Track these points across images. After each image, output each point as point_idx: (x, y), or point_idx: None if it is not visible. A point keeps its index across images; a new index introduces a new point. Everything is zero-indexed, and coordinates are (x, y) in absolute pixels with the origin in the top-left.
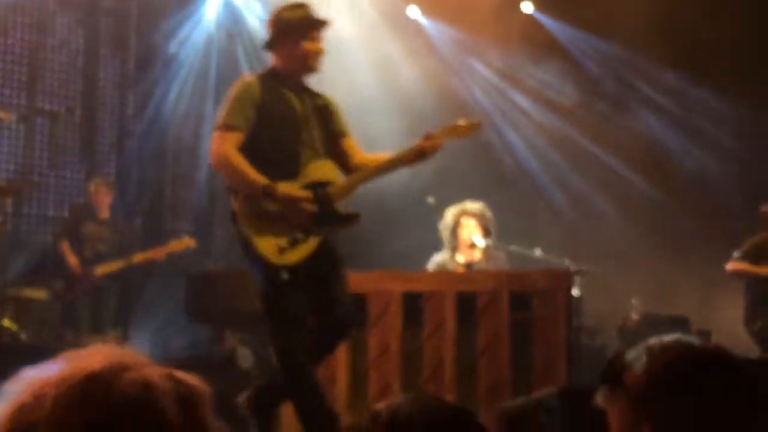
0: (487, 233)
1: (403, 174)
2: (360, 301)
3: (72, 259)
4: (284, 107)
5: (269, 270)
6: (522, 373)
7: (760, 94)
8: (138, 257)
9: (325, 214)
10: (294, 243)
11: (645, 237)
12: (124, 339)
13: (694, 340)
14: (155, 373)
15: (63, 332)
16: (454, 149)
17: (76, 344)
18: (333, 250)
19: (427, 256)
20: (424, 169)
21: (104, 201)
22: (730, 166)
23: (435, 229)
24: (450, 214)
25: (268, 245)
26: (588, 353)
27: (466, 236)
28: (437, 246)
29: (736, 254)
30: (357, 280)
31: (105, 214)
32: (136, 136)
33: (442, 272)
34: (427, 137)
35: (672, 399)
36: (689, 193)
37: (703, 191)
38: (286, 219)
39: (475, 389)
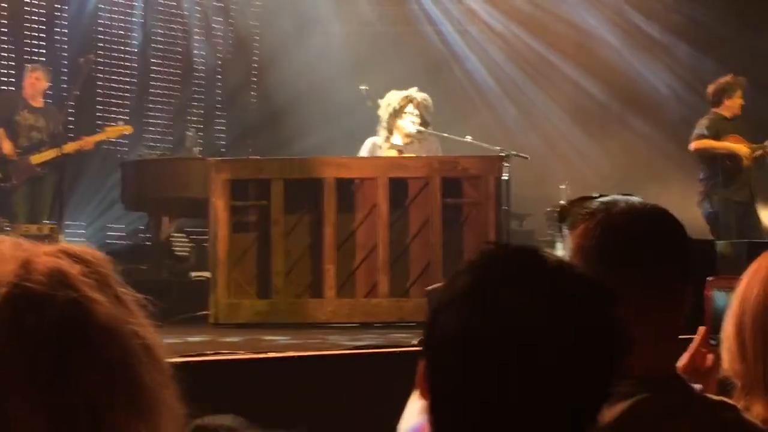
0: (425, 124)
1: (333, 62)
2: (294, 187)
3: (6, 145)
4: None
5: None
6: (453, 256)
7: None
8: (70, 146)
9: None
10: None
11: (575, 124)
12: (59, 228)
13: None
14: (54, 258)
15: None
16: (384, 38)
17: (12, 233)
18: None
19: (360, 142)
20: (355, 57)
21: (39, 89)
22: (657, 52)
23: (368, 116)
24: (396, 98)
25: None
26: (517, 237)
27: (407, 123)
28: (369, 133)
29: (698, 132)
30: (293, 166)
31: (39, 102)
32: (64, 22)
33: (375, 158)
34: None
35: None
36: (618, 80)
37: (630, 77)
38: None
39: (408, 272)
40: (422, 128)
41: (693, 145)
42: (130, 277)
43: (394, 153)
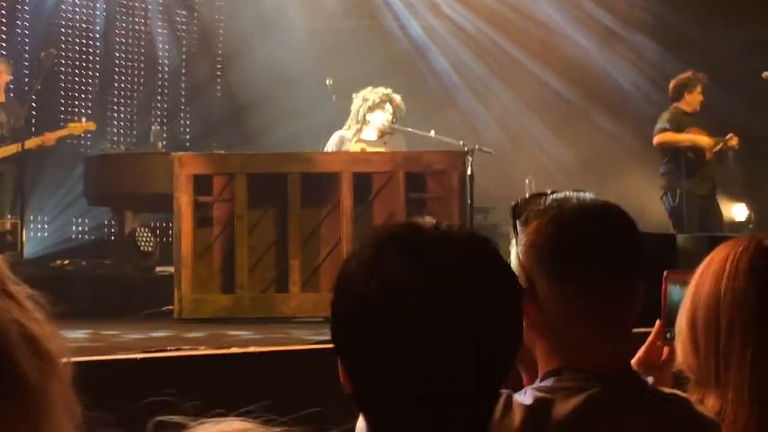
0: (394, 122)
1: (298, 57)
2: (259, 182)
3: None
4: None
5: None
6: None
7: None
8: (32, 141)
9: None
10: None
11: (539, 119)
12: (21, 223)
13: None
14: None
15: None
16: (349, 32)
17: None
18: None
19: (324, 137)
20: (319, 52)
21: (0, 83)
22: (620, 49)
23: (332, 111)
24: (375, 93)
25: None
26: (481, 231)
27: (380, 120)
28: (334, 128)
29: (660, 126)
30: (258, 161)
31: (0, 96)
32: (26, 15)
33: (339, 153)
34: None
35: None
36: (581, 76)
37: (594, 73)
38: None
39: None
40: (394, 125)
41: (656, 139)
42: (94, 271)
43: (361, 147)
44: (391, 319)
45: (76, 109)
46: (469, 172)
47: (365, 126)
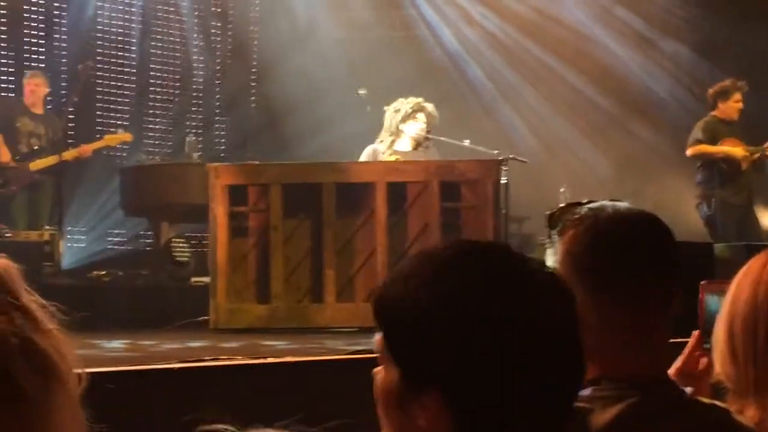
0: (428, 132)
1: (332, 67)
2: (294, 192)
3: (4, 153)
4: None
5: None
6: None
7: None
8: (69, 153)
9: None
10: None
11: (574, 127)
12: (59, 234)
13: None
14: None
15: None
16: (382, 42)
17: (12, 239)
18: None
19: (359, 147)
20: (353, 62)
21: (39, 95)
22: (655, 56)
23: (366, 121)
24: (407, 103)
25: None
26: (515, 240)
27: (414, 130)
28: (368, 137)
29: (694, 137)
30: (292, 171)
31: (39, 108)
32: (63, 28)
33: (374, 162)
34: None
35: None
36: (616, 83)
37: (629, 81)
38: None
39: None
40: (428, 135)
41: (689, 151)
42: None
43: (395, 159)
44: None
45: (113, 121)
46: (503, 181)
47: (399, 137)
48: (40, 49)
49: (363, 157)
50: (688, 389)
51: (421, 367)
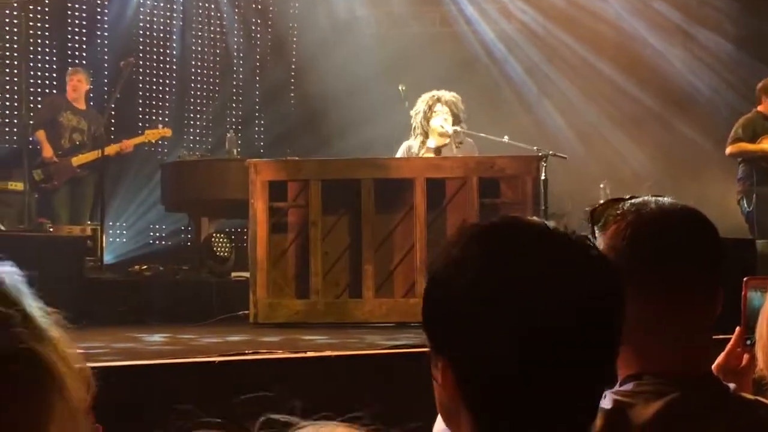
0: (457, 121)
1: (371, 63)
2: (332, 188)
3: (47, 148)
4: None
5: None
6: None
7: None
8: (111, 148)
9: None
10: None
11: (613, 123)
12: (101, 229)
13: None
14: None
15: (41, 223)
16: (421, 38)
17: (56, 234)
18: None
19: (397, 143)
20: (391, 58)
21: (81, 91)
22: (695, 50)
23: (405, 116)
24: (423, 101)
25: None
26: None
27: (438, 123)
28: (407, 133)
29: (733, 135)
30: (332, 167)
31: (82, 104)
32: (105, 26)
33: (412, 158)
34: None
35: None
36: (656, 78)
37: (669, 76)
38: None
39: None
40: (458, 128)
41: (728, 150)
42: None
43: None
44: (512, 321)
45: (154, 117)
46: (543, 177)
47: (430, 135)
48: (83, 46)
49: (398, 154)
50: (731, 385)
51: (433, 337)
